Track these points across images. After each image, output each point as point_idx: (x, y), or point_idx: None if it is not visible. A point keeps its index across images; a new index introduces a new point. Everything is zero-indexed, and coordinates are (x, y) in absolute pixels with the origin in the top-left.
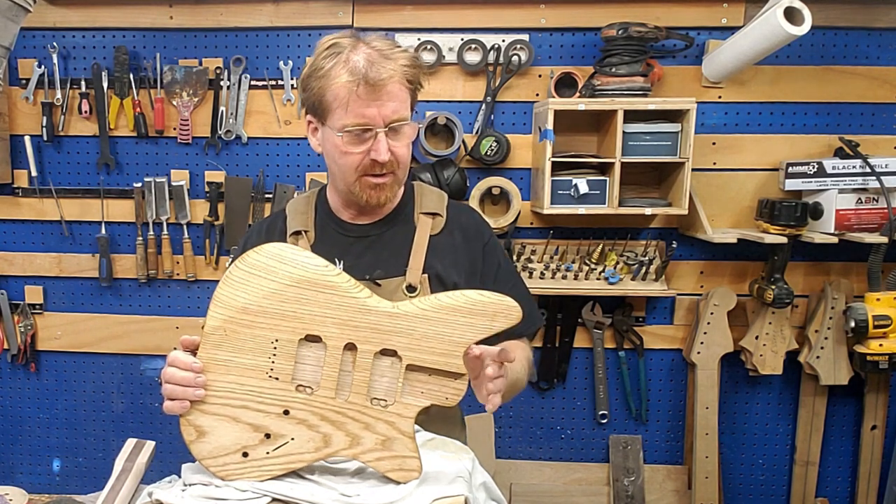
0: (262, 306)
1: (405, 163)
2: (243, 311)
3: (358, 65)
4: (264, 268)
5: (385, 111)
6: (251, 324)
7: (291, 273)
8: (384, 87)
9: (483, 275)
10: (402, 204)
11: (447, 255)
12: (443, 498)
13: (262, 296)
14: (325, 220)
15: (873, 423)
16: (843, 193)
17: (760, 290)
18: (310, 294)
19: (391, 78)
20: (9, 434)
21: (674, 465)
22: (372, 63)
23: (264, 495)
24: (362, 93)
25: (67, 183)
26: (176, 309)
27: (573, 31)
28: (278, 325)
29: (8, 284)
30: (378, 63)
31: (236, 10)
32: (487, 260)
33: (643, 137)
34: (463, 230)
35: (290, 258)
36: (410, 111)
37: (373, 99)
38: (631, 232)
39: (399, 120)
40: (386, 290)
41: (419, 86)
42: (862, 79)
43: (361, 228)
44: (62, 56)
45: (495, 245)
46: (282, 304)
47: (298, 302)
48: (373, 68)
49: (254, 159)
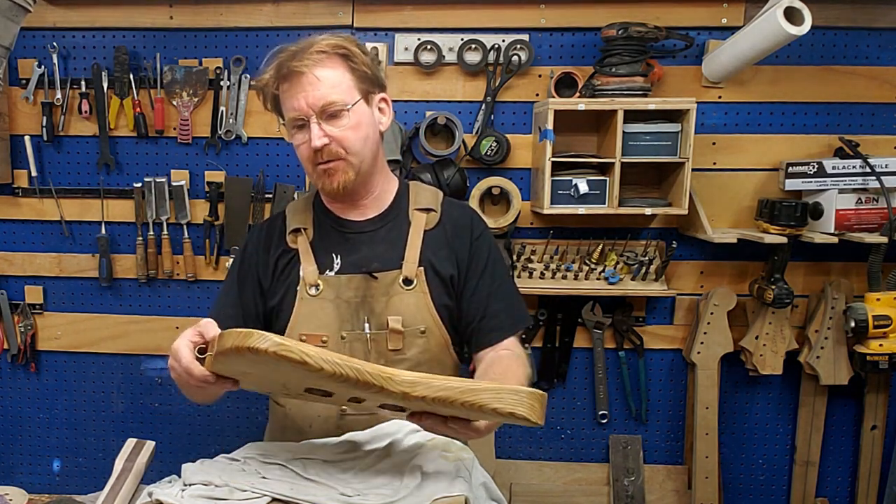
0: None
1: (354, 149)
2: (242, 374)
3: (282, 59)
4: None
5: (311, 99)
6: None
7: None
8: (305, 75)
9: (470, 269)
10: (396, 201)
11: (441, 249)
12: (443, 498)
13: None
14: (322, 217)
15: (873, 423)
16: (843, 193)
17: (760, 290)
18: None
19: (309, 64)
20: (9, 434)
21: (674, 465)
22: (293, 55)
23: (264, 495)
24: (287, 87)
25: (67, 183)
26: (176, 309)
27: (573, 31)
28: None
29: (8, 284)
30: (300, 53)
31: (236, 10)
32: (476, 254)
33: (643, 137)
34: (454, 223)
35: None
36: (356, 94)
37: (297, 90)
38: (631, 232)
39: (330, 104)
40: (383, 283)
41: (362, 66)
42: (862, 79)
43: (358, 224)
44: (62, 56)
45: (486, 241)
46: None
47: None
48: (293, 59)
49: (254, 159)
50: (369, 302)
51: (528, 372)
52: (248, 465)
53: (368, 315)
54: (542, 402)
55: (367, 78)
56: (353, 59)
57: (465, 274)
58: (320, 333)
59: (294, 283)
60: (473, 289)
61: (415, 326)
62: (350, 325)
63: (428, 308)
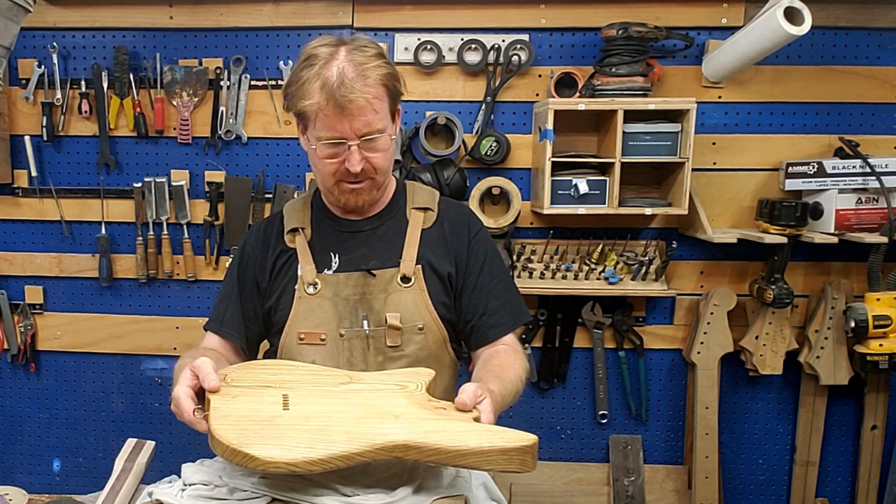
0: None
1: (382, 169)
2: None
3: (329, 81)
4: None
5: (357, 125)
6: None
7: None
8: (354, 104)
9: (468, 267)
10: (394, 200)
11: (439, 247)
12: (443, 498)
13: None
14: (320, 216)
15: (873, 423)
16: (843, 193)
17: (760, 290)
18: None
19: (362, 96)
20: (9, 434)
21: (674, 465)
22: (343, 81)
23: (264, 495)
24: (331, 111)
25: (67, 183)
26: (176, 309)
27: (573, 31)
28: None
29: (8, 284)
30: (350, 81)
31: (236, 10)
32: (473, 252)
33: (643, 137)
34: (451, 222)
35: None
36: (391, 117)
37: (344, 115)
38: (631, 232)
39: (372, 132)
40: (381, 280)
41: (398, 93)
42: (862, 79)
43: (356, 224)
44: (62, 56)
45: (484, 240)
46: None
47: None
48: (343, 87)
49: (254, 159)
50: (368, 299)
51: (525, 365)
52: None
53: (367, 312)
54: (532, 453)
55: (398, 98)
56: (394, 83)
57: (463, 272)
58: (319, 331)
59: (292, 281)
60: (472, 287)
61: (413, 323)
62: (348, 323)
63: (426, 305)
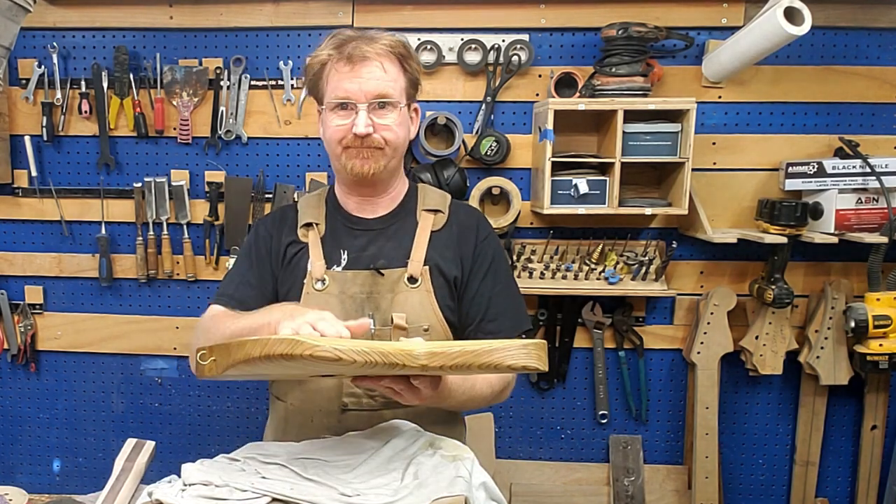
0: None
1: (393, 143)
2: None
3: (342, 38)
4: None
5: (366, 87)
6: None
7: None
8: (365, 64)
9: (473, 270)
10: (405, 201)
11: (447, 250)
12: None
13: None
14: (334, 214)
15: (873, 423)
16: (843, 193)
17: (760, 290)
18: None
19: (374, 54)
20: (9, 434)
21: (674, 465)
22: (357, 42)
23: (264, 495)
24: (343, 67)
25: (67, 183)
26: (176, 309)
27: (573, 31)
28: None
29: (8, 284)
30: (362, 41)
31: (236, 10)
32: (480, 256)
33: (643, 137)
34: (461, 225)
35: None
36: (405, 98)
37: (354, 74)
38: (631, 232)
39: (382, 96)
40: (388, 280)
41: (414, 73)
42: (862, 79)
43: (367, 222)
44: (62, 56)
45: (492, 243)
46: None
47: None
48: (356, 46)
49: (254, 159)
50: (375, 298)
51: (506, 378)
52: (248, 465)
53: (373, 311)
54: (545, 350)
55: (414, 85)
56: (409, 62)
57: (467, 275)
58: None
59: (301, 276)
60: (475, 290)
61: (418, 324)
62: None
63: (432, 307)
